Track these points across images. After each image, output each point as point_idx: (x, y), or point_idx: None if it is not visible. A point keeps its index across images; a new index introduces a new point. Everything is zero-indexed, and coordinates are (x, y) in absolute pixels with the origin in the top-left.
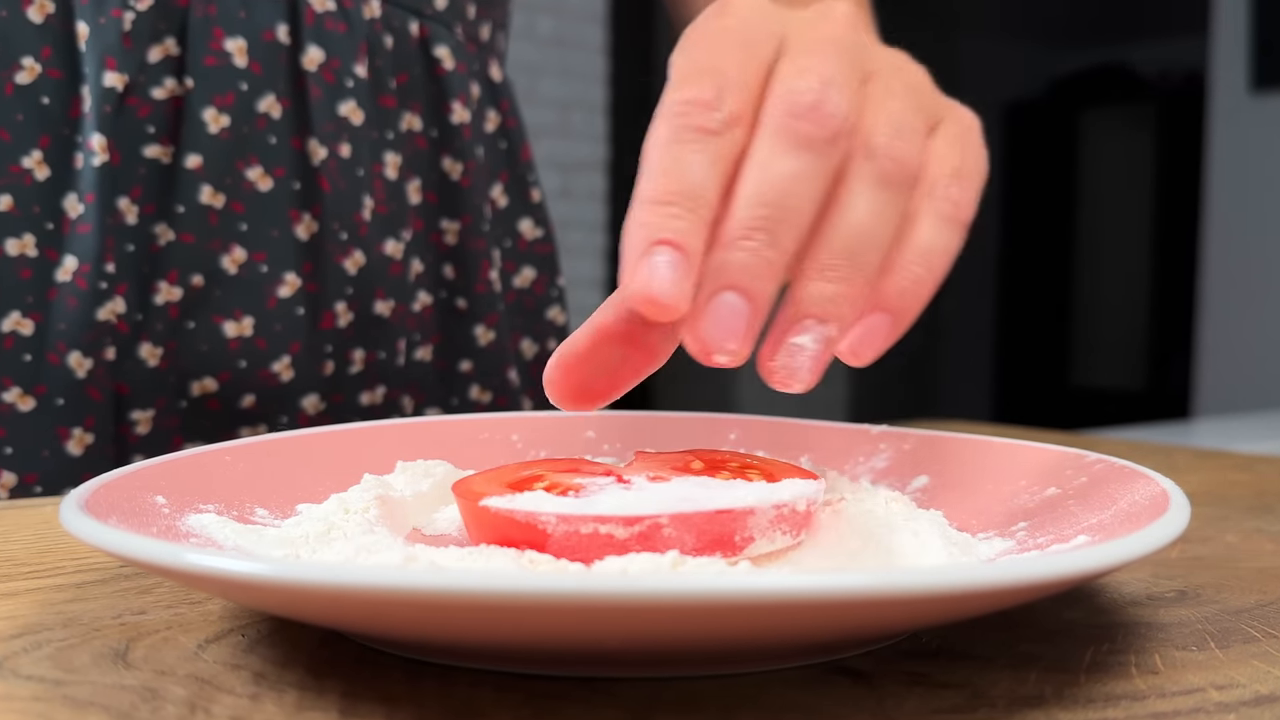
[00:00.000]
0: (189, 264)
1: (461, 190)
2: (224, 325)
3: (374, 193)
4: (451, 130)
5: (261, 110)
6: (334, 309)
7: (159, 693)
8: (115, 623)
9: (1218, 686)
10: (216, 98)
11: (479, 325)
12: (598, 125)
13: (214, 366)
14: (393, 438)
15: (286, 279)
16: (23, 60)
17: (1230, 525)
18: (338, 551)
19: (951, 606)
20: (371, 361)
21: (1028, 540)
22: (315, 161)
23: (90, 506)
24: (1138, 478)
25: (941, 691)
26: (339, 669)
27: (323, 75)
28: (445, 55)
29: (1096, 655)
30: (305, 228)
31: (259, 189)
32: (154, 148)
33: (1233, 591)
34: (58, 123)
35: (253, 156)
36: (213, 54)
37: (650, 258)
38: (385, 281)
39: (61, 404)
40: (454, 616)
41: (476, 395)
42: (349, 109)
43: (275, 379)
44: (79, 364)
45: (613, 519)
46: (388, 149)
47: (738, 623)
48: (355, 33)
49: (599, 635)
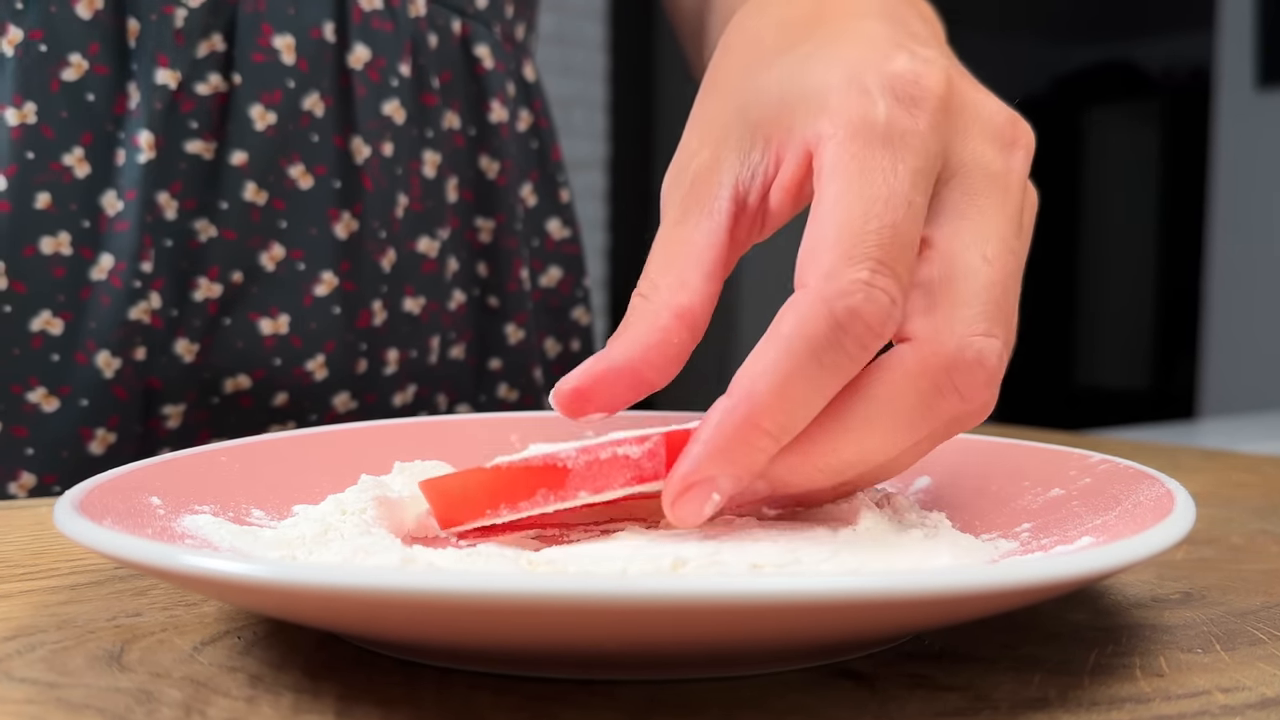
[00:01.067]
0: (230, 261)
1: (497, 189)
2: (260, 323)
3: (410, 190)
4: (490, 129)
5: (305, 108)
6: (370, 307)
7: (154, 695)
8: (110, 625)
9: (1223, 689)
10: (264, 95)
11: (510, 324)
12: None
13: (248, 364)
14: (391, 438)
15: (324, 277)
16: (70, 57)
17: (1236, 527)
18: (335, 553)
19: (954, 608)
20: (404, 360)
21: (1031, 542)
22: (359, 160)
23: (85, 507)
24: (1142, 478)
25: (944, 694)
26: (336, 671)
27: (368, 74)
28: (485, 54)
29: (1101, 658)
30: (344, 226)
31: (300, 186)
32: (196, 143)
33: (1238, 593)
34: (101, 119)
35: (295, 154)
36: (261, 50)
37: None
38: (417, 279)
39: (86, 404)
40: (452, 618)
41: (504, 394)
42: (392, 108)
43: (309, 377)
44: (107, 364)
45: (627, 440)
46: (427, 147)
47: (738, 625)
48: (401, 31)
49: (597, 637)
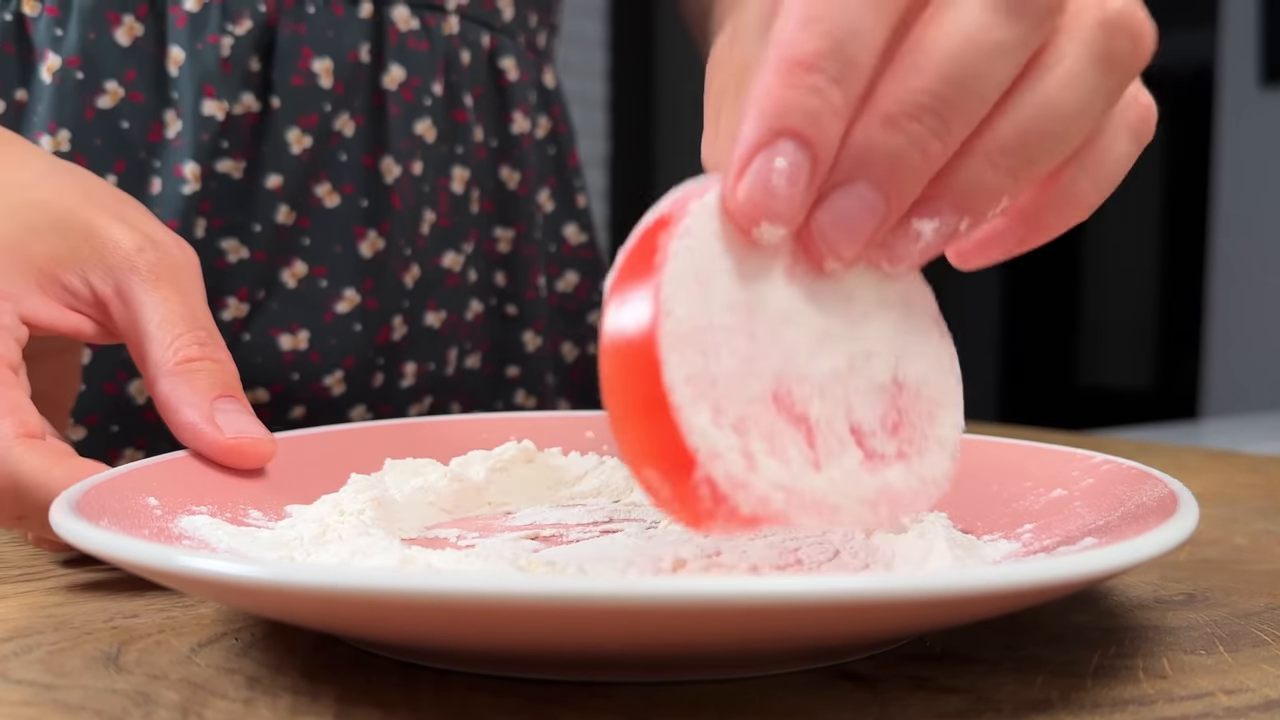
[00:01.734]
0: (257, 280)
1: (518, 199)
2: (280, 338)
3: (437, 206)
4: (511, 140)
5: (336, 128)
6: (391, 323)
7: (151, 697)
8: (107, 626)
9: (1227, 691)
10: (301, 118)
11: (527, 331)
12: (598, 121)
13: (267, 378)
14: (388, 438)
15: (345, 294)
16: (106, 84)
17: (1239, 527)
18: (333, 554)
19: (956, 610)
20: (422, 373)
21: (1033, 542)
22: (389, 180)
23: (81, 509)
24: (1145, 479)
25: (945, 696)
26: (334, 673)
27: (402, 94)
28: (510, 66)
29: (1103, 659)
30: (370, 245)
31: (325, 205)
32: (226, 162)
33: (1242, 594)
34: (135, 147)
35: (323, 173)
36: (300, 74)
37: (768, 156)
38: (439, 293)
39: (116, 430)
40: (451, 620)
41: (521, 400)
42: (424, 127)
43: (326, 392)
44: (139, 391)
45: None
46: (456, 163)
47: (737, 626)
48: (435, 50)
49: (597, 638)
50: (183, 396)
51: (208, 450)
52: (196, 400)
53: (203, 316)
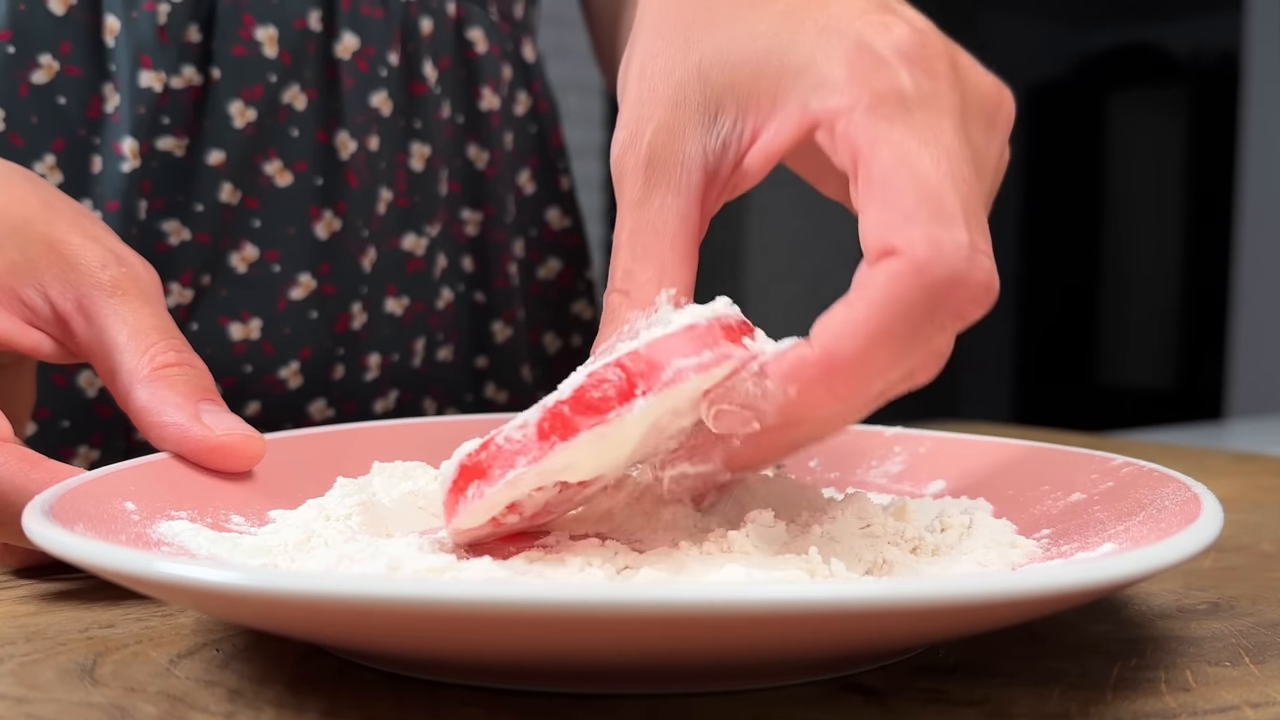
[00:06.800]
0: (201, 264)
1: (486, 180)
2: (229, 327)
3: (394, 185)
4: (479, 117)
5: (285, 101)
6: (350, 310)
7: (128, 711)
8: (82, 637)
9: (1253, 704)
10: (244, 90)
11: (497, 321)
12: (594, 108)
13: (217, 371)
14: (374, 440)
15: (300, 280)
16: (40, 58)
17: (1266, 533)
18: (318, 560)
19: (970, 618)
20: (386, 364)
21: (1051, 548)
22: (344, 155)
23: (56, 513)
24: (1167, 482)
25: (959, 710)
26: (319, 685)
27: (356, 64)
28: (479, 38)
29: (1124, 671)
30: (325, 226)
31: (276, 184)
32: (167, 140)
33: (1269, 604)
34: (74, 124)
35: (271, 150)
36: (242, 43)
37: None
38: (400, 278)
39: (67, 425)
40: (442, 628)
41: (492, 394)
42: (380, 99)
43: (282, 385)
44: (89, 383)
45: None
46: (414, 139)
47: (742, 635)
48: (391, 18)
49: (595, 648)
50: (165, 399)
51: (197, 449)
52: (180, 401)
53: (174, 327)
